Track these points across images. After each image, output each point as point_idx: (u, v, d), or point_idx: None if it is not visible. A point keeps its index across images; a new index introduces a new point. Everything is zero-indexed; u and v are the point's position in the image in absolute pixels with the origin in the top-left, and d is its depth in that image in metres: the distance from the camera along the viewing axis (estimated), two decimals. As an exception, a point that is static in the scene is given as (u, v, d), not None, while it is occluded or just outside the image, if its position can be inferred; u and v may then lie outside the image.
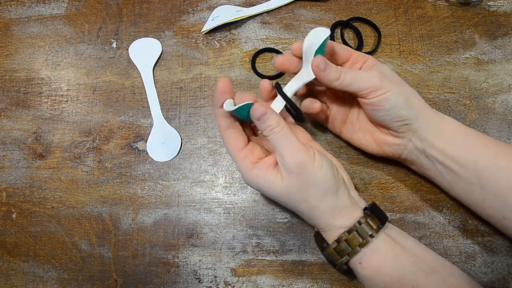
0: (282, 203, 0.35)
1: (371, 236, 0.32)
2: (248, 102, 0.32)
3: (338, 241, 0.32)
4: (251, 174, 0.34)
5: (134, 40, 0.48)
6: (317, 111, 0.38)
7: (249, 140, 0.36)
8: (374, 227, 0.32)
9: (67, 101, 0.48)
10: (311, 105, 0.38)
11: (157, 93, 0.47)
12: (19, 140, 0.47)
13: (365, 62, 0.36)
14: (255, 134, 0.39)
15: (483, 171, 0.33)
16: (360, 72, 0.34)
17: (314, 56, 0.34)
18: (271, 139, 0.32)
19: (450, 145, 0.34)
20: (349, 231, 0.32)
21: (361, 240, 0.32)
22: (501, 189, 0.33)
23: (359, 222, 0.32)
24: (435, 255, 0.33)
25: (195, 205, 0.43)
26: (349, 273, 0.34)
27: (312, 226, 0.41)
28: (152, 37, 0.48)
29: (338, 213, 0.33)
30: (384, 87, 0.33)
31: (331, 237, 0.33)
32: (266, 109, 0.32)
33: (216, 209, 0.43)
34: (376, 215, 0.33)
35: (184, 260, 0.42)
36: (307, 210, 0.34)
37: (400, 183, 0.42)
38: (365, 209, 0.34)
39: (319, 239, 0.35)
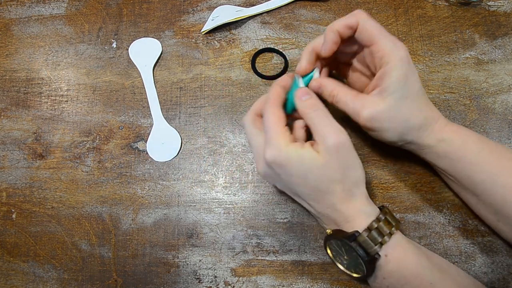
0: (313, 183, 0.33)
1: (396, 226, 0.32)
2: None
3: (370, 228, 0.32)
4: (288, 148, 0.32)
5: (134, 40, 0.48)
6: None
7: None
8: (395, 219, 0.33)
9: (67, 101, 0.48)
10: None
11: (157, 93, 0.47)
12: (19, 140, 0.47)
13: (382, 65, 0.32)
14: None
15: (479, 185, 0.34)
16: (350, 106, 0.34)
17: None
18: (312, 117, 0.33)
19: (442, 161, 0.35)
20: (378, 220, 0.32)
21: (388, 230, 0.32)
22: (496, 201, 0.33)
23: (385, 212, 0.33)
24: (438, 256, 0.34)
25: (195, 205, 0.43)
26: (373, 271, 0.32)
27: (312, 226, 0.41)
28: (152, 37, 0.48)
29: (365, 200, 0.34)
30: (371, 128, 0.34)
31: (360, 226, 0.32)
32: (309, 91, 0.35)
33: (216, 209, 0.43)
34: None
35: (184, 260, 0.42)
36: (342, 192, 0.33)
37: (400, 183, 0.42)
38: (379, 207, 0.35)
39: (341, 234, 0.33)
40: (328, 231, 0.34)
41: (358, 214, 0.33)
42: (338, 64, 0.39)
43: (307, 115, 0.33)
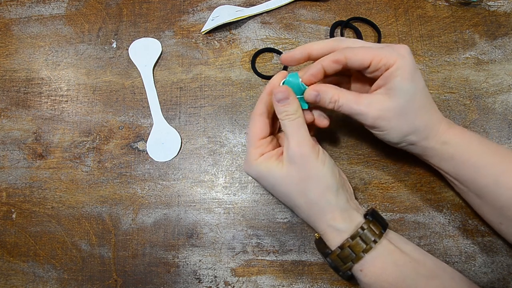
0: (282, 195, 0.34)
1: (375, 241, 0.31)
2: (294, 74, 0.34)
3: (341, 247, 0.32)
4: (256, 162, 0.34)
5: (134, 40, 0.48)
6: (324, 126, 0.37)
7: (272, 133, 0.37)
8: (377, 233, 0.32)
9: (67, 101, 0.48)
10: (321, 121, 0.37)
11: (157, 93, 0.47)
12: (19, 140, 0.47)
13: (387, 69, 0.32)
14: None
15: (483, 187, 0.33)
16: (355, 108, 0.32)
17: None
18: (284, 125, 0.33)
19: (446, 164, 0.35)
20: (353, 237, 0.32)
21: (364, 246, 0.31)
22: (500, 203, 0.33)
23: (362, 228, 0.32)
24: (435, 259, 0.33)
25: (195, 205, 0.43)
26: (352, 279, 0.34)
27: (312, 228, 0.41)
28: (152, 37, 0.48)
29: (338, 215, 0.32)
30: (380, 129, 0.33)
31: (333, 242, 0.33)
32: (288, 94, 0.33)
33: (216, 209, 0.43)
34: (377, 221, 0.33)
35: (184, 260, 0.42)
36: (306, 206, 0.33)
37: (400, 183, 0.42)
38: (365, 215, 0.34)
39: (321, 245, 0.35)
40: (316, 235, 0.36)
41: (330, 230, 0.33)
42: (337, 80, 0.38)
43: (282, 121, 0.33)
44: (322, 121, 0.36)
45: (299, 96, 0.34)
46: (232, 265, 0.41)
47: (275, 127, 0.38)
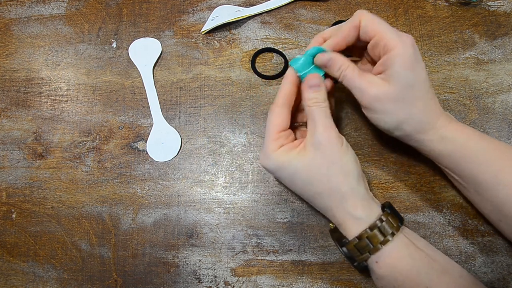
0: (302, 184, 0.34)
1: (392, 234, 0.32)
2: (319, 48, 0.35)
3: (359, 237, 0.32)
4: (276, 153, 0.34)
5: (134, 40, 0.48)
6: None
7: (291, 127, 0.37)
8: (394, 225, 0.32)
9: (67, 101, 0.48)
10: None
11: (157, 93, 0.47)
12: (19, 140, 0.47)
13: (386, 52, 0.32)
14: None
15: (482, 184, 0.33)
16: (357, 82, 0.33)
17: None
18: (312, 111, 0.33)
19: (445, 160, 0.35)
20: (371, 228, 0.32)
21: (382, 238, 0.31)
22: (499, 200, 0.33)
23: (381, 220, 0.32)
24: (444, 256, 0.33)
25: (195, 205, 0.43)
26: (366, 270, 0.34)
27: (312, 226, 0.41)
28: (152, 37, 0.48)
29: (358, 203, 0.33)
30: (375, 111, 0.34)
31: (350, 232, 0.33)
32: (321, 81, 0.34)
33: (216, 209, 0.43)
34: (394, 214, 0.33)
35: (184, 260, 0.42)
36: (327, 192, 0.33)
37: (400, 183, 0.42)
38: (383, 207, 0.34)
39: (337, 234, 0.35)
40: (331, 225, 0.36)
41: (348, 219, 0.33)
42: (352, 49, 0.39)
43: (310, 107, 0.34)
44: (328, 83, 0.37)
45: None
46: (232, 265, 0.41)
47: (293, 121, 0.38)
